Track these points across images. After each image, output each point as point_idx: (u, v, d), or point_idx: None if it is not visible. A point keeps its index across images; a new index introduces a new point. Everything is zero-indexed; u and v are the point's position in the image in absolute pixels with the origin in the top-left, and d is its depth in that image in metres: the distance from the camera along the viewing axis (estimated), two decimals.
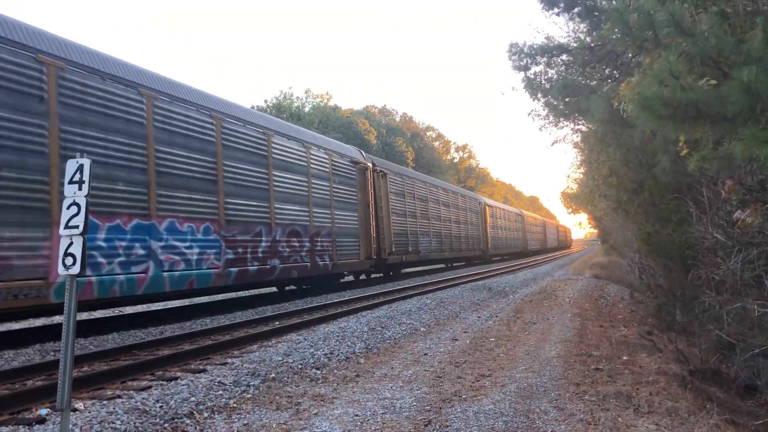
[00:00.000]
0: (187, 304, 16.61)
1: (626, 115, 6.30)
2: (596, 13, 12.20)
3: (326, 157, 17.46)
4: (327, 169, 17.38)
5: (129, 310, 16.06)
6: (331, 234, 17.09)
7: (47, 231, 8.43)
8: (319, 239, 16.28)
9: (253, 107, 51.75)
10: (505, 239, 46.67)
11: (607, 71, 13.27)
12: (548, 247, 77.27)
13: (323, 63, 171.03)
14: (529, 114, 16.66)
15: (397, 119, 79.57)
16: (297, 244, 15.01)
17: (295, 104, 60.20)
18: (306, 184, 15.93)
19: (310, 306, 12.83)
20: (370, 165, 20.95)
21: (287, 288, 18.83)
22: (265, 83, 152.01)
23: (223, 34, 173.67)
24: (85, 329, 10.46)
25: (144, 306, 16.70)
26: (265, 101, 59.86)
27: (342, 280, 21.44)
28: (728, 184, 5.59)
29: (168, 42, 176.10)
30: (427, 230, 26.98)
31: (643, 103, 4.50)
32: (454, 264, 35.97)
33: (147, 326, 10.91)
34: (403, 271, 27.25)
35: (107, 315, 14.36)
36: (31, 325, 12.75)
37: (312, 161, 16.48)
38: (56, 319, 13.34)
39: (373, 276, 23.92)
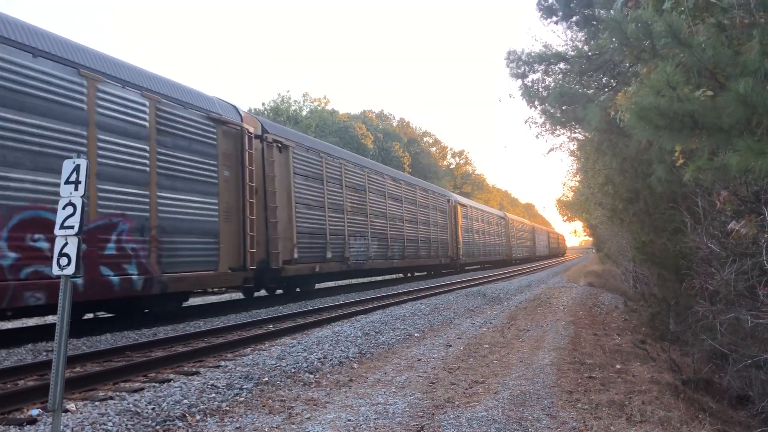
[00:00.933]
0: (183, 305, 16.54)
1: (623, 125, 6.33)
2: (594, 23, 12.28)
3: (143, 102, 10.83)
4: (145, 123, 10.79)
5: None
6: (147, 229, 10.66)
7: None
8: (115, 236, 10.00)
9: (250, 110, 51.77)
10: (484, 245, 40.69)
11: (604, 80, 13.34)
12: (537, 254, 70.80)
13: (321, 67, 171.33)
14: (526, 121, 16.67)
15: (394, 124, 79.70)
16: (46, 245, 8.69)
17: (293, 108, 60.23)
18: (83, 140, 9.52)
19: (304, 310, 12.81)
20: (251, 128, 14.13)
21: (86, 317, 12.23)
22: (263, 87, 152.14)
23: (222, 38, 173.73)
24: (78, 329, 10.43)
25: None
26: (263, 104, 59.96)
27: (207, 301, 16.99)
28: (723, 195, 5.62)
29: (167, 43, 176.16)
30: (362, 230, 20.28)
31: (639, 112, 4.52)
32: (416, 274, 30.62)
33: (140, 328, 10.87)
34: (319, 286, 20.85)
35: (101, 316, 14.31)
36: (24, 325, 12.72)
37: (102, 104, 9.99)
38: (49, 318, 13.29)
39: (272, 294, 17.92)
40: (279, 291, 17.89)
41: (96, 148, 9.81)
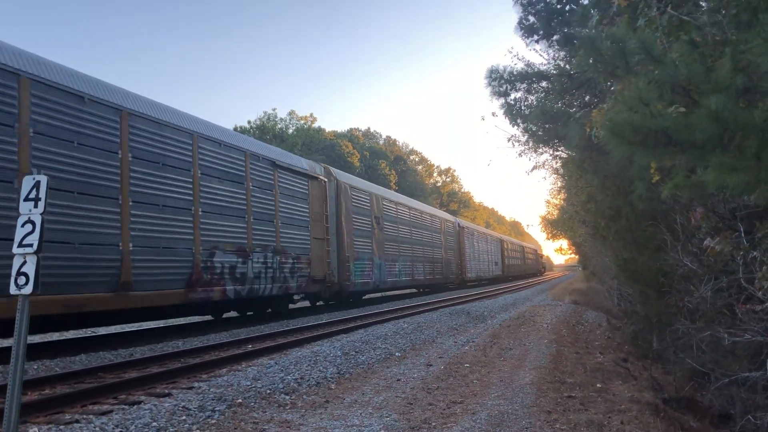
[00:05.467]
0: (162, 325, 16.32)
1: (596, 141, 6.32)
2: (575, 41, 12.35)
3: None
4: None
5: (102, 330, 15.75)
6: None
7: None
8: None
9: (236, 128, 51.74)
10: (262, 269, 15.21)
11: (587, 98, 13.39)
12: (470, 275, 40.10)
13: (308, 86, 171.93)
14: (509, 140, 16.68)
15: (381, 142, 79.87)
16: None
17: (279, 126, 60.24)
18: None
19: (285, 329, 12.65)
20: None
21: None
22: (249, 105, 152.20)
23: (206, 54, 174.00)
24: (53, 350, 10.22)
25: (117, 327, 16.39)
26: (249, 122, 59.91)
27: None
28: (699, 212, 5.60)
29: (151, 58, 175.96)
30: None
31: (614, 129, 4.49)
32: None
33: (117, 348, 10.67)
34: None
35: (78, 336, 14.06)
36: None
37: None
38: (36, 339, 13.01)
39: None
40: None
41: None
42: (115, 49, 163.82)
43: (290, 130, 61.21)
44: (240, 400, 6.27)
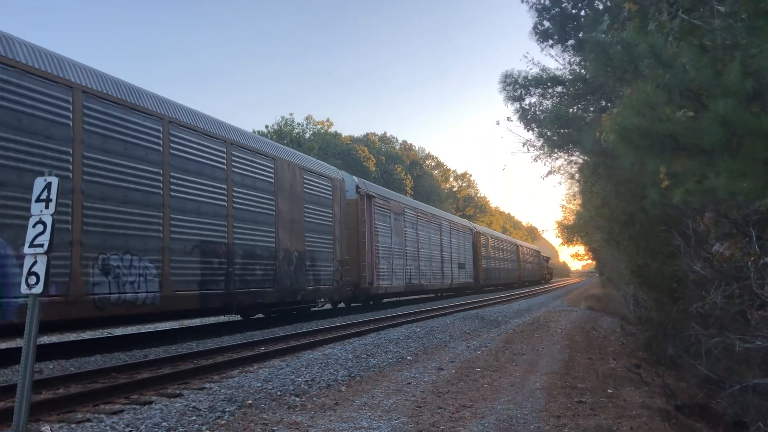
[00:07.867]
0: (177, 327, 16.46)
1: (605, 145, 6.31)
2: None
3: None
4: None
5: (118, 331, 15.92)
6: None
7: None
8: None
9: (253, 132, 52.11)
10: None
11: (602, 103, 13.33)
12: (378, 286, 21.41)
13: (325, 90, 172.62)
14: (524, 144, 16.63)
15: (397, 147, 79.92)
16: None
17: (296, 130, 60.54)
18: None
19: (299, 332, 12.71)
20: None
21: None
22: (266, 109, 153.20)
23: (224, 59, 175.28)
24: (69, 350, 10.35)
25: (135, 328, 16.56)
26: (266, 126, 60.30)
27: None
28: (707, 217, 5.57)
29: (172, 65, 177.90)
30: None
31: (622, 133, 4.49)
32: None
33: (132, 349, 10.79)
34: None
35: (94, 336, 14.22)
36: (18, 345, 12.62)
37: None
38: (44, 339, 13.20)
39: None
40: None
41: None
42: (128, 51, 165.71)
43: (307, 135, 61.52)
44: (250, 401, 6.32)
